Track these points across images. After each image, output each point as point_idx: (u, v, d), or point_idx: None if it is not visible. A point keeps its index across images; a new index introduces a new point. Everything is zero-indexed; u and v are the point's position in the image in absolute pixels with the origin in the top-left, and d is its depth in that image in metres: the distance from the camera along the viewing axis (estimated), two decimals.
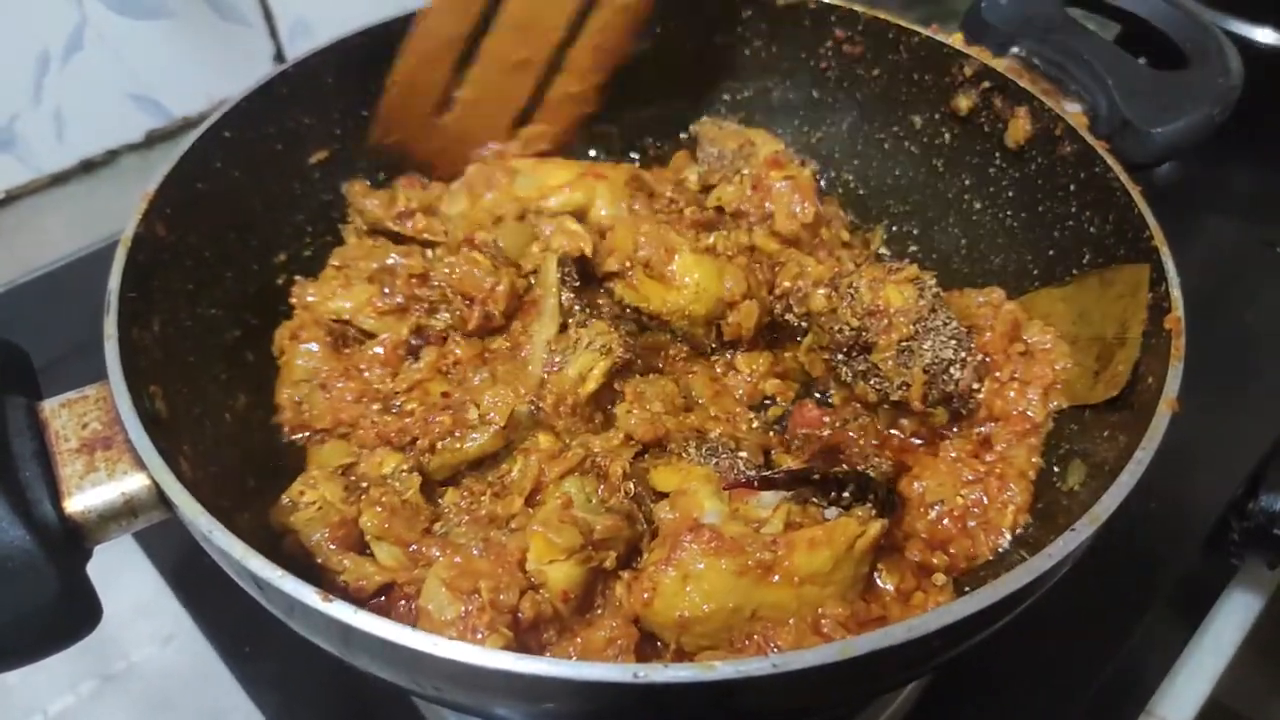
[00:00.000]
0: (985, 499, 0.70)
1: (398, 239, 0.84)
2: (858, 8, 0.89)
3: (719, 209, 0.88)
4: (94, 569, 0.57)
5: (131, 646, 0.87)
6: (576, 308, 0.75)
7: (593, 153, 0.98)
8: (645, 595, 0.60)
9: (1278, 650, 1.00)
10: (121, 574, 0.89)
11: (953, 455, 0.74)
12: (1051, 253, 0.80)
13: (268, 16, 1.21)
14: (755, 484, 0.64)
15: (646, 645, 0.62)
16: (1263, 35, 1.26)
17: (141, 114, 1.17)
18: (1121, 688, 0.86)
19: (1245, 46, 1.22)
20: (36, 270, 1.15)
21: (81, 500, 0.54)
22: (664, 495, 0.68)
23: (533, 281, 0.79)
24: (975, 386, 0.74)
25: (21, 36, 1.06)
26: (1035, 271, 0.82)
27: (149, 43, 1.13)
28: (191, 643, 0.86)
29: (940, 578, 0.67)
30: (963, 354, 0.73)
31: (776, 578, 0.59)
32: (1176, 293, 0.65)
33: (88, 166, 1.17)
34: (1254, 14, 1.25)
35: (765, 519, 0.63)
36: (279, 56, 1.24)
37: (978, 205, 0.87)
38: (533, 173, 0.87)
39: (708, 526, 0.61)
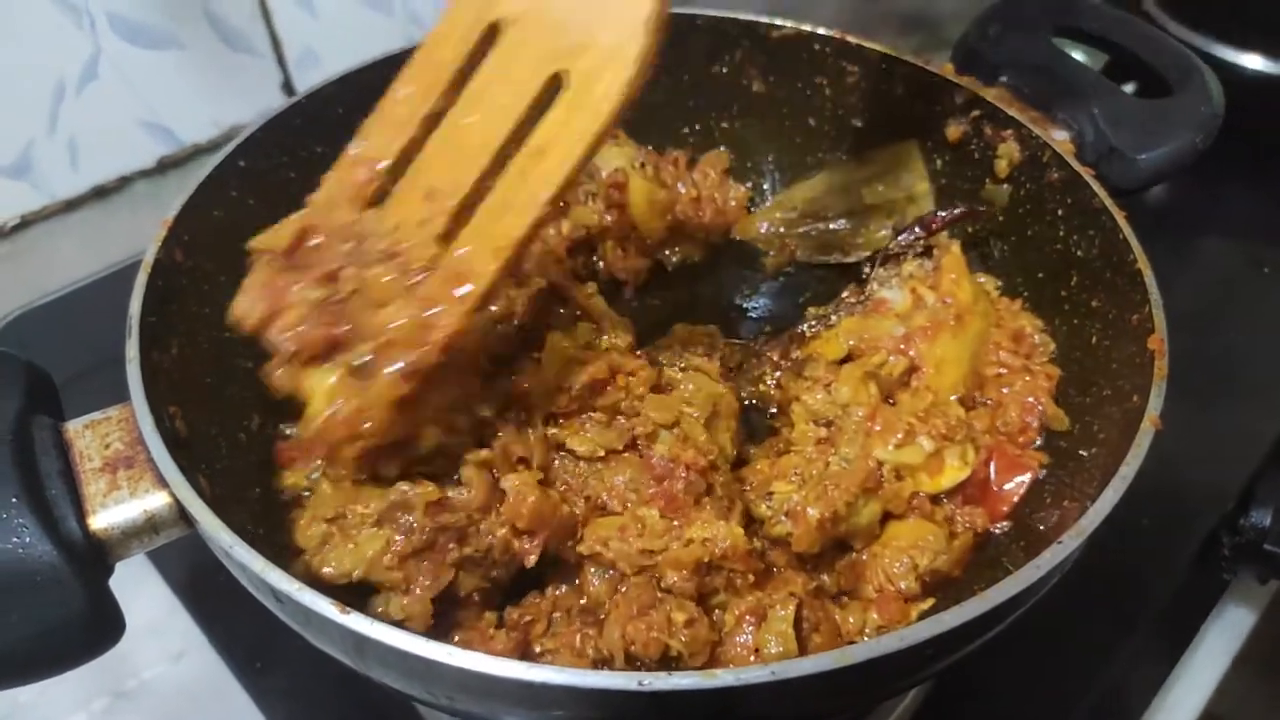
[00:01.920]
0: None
1: None
2: (852, 39, 0.92)
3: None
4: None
5: (143, 664, 0.88)
6: None
7: None
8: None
9: (1271, 665, 1.01)
10: (133, 591, 0.90)
11: None
12: (1040, 275, 0.83)
13: (276, 46, 1.23)
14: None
15: None
16: (1250, 61, 1.29)
17: (153, 141, 1.20)
18: (1115, 702, 0.87)
19: (1233, 72, 1.26)
20: (50, 294, 1.18)
21: (105, 518, 0.56)
22: None
23: None
24: None
25: (38, 67, 1.08)
26: (1025, 294, 0.84)
27: (161, 72, 1.16)
28: (203, 659, 0.87)
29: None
30: None
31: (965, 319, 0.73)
32: (1159, 314, 0.67)
33: (100, 192, 1.20)
34: (1242, 41, 1.29)
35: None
36: (287, 85, 1.27)
37: (969, 230, 0.90)
38: None
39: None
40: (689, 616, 0.61)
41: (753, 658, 0.61)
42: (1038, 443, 0.75)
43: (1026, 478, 0.71)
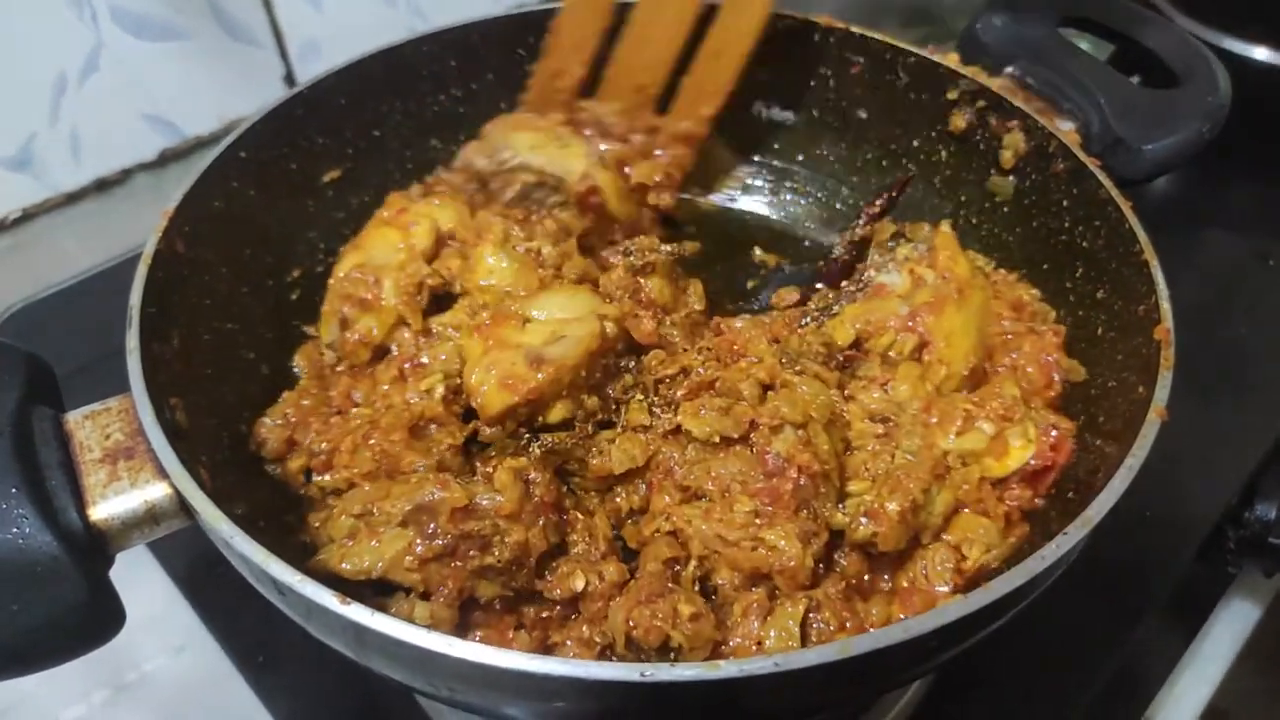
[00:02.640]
0: None
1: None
2: (856, 29, 0.91)
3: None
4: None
5: (144, 656, 0.88)
6: None
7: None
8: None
9: (1275, 658, 1.01)
10: (134, 584, 0.90)
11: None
12: (1045, 266, 0.82)
13: (278, 38, 1.23)
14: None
15: None
16: (1259, 53, 1.28)
17: (155, 134, 1.20)
18: (1120, 694, 0.87)
19: (1241, 64, 1.25)
20: (52, 286, 1.18)
21: (105, 508, 0.56)
22: None
23: None
24: None
25: (40, 60, 1.08)
26: (1030, 285, 0.84)
27: (163, 64, 1.16)
28: (204, 652, 0.87)
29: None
30: None
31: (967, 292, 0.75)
32: (1166, 305, 0.67)
33: (102, 185, 1.19)
34: (1250, 33, 1.28)
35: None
36: (289, 77, 1.27)
37: (974, 221, 0.89)
38: None
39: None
40: (695, 610, 0.61)
41: (754, 649, 0.61)
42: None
43: (1069, 446, 0.71)
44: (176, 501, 0.57)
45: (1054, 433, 0.69)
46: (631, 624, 0.60)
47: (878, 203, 0.93)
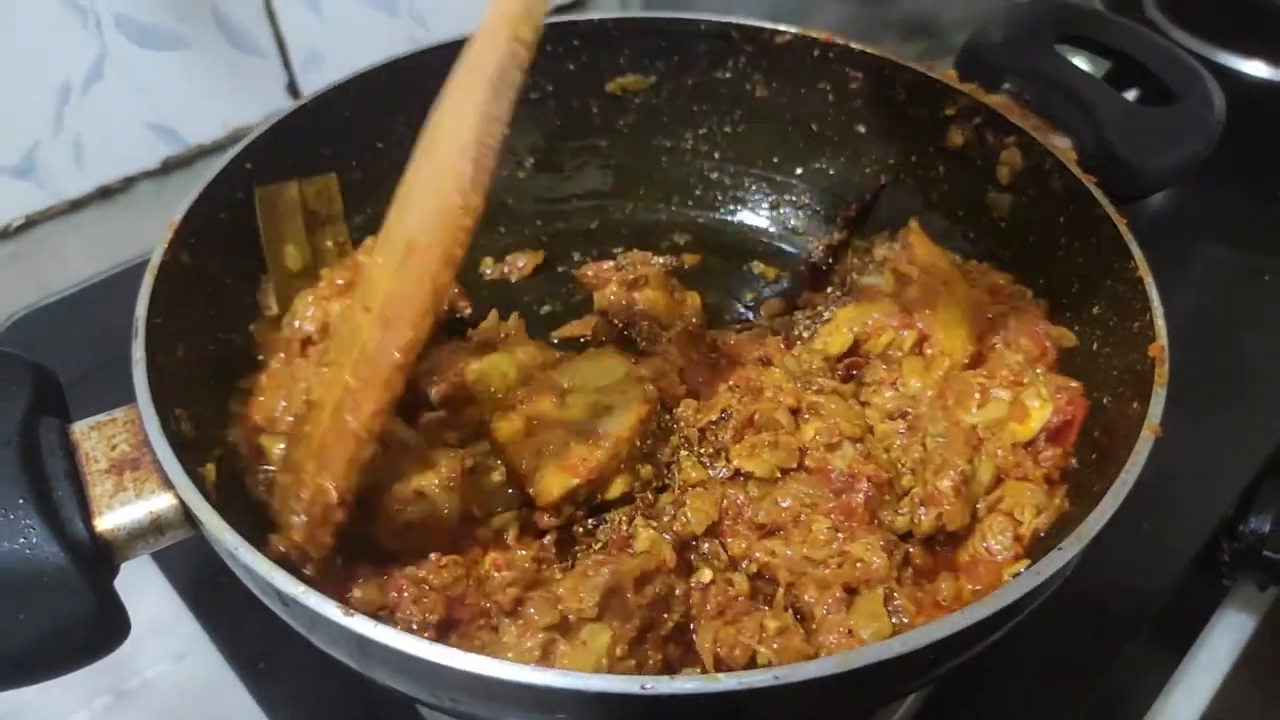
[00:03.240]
0: None
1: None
2: (855, 45, 0.92)
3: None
4: None
5: (145, 663, 0.88)
6: None
7: None
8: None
9: (1270, 670, 1.01)
10: (137, 591, 0.90)
11: None
12: (1041, 281, 0.83)
13: (281, 48, 1.24)
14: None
15: None
16: (1254, 69, 1.29)
17: (159, 142, 1.20)
18: (1113, 707, 0.88)
19: (1237, 79, 1.26)
20: (55, 294, 1.18)
21: (111, 519, 0.57)
22: None
23: None
24: None
25: (44, 67, 1.09)
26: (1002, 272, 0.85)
27: (166, 73, 1.16)
28: (205, 659, 0.87)
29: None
30: None
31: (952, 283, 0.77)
32: (1160, 322, 0.68)
33: (105, 193, 1.20)
34: (1245, 48, 1.29)
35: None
36: (292, 87, 1.27)
37: (971, 236, 0.90)
38: None
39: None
40: (781, 625, 0.60)
41: (848, 639, 0.60)
42: None
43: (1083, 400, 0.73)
44: (181, 512, 0.57)
45: (1063, 393, 0.72)
46: (717, 644, 0.60)
47: (854, 207, 0.95)
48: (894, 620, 0.62)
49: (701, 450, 0.73)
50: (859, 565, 0.63)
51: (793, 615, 0.63)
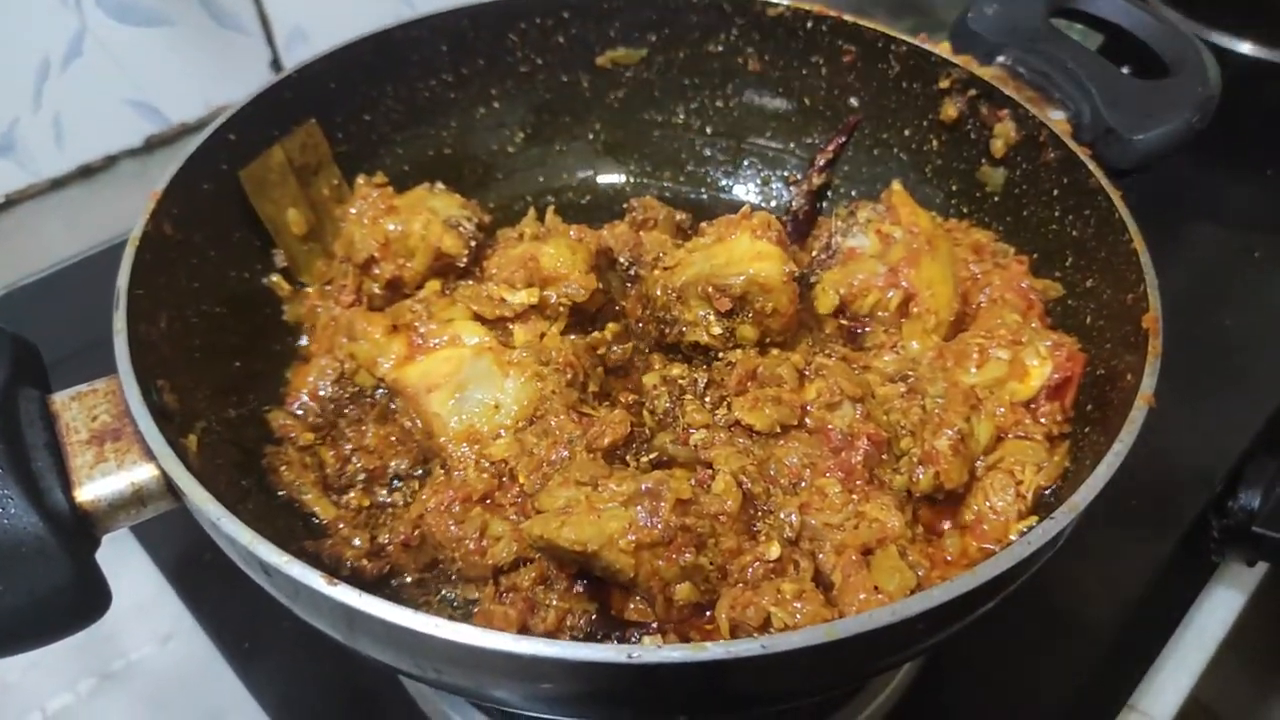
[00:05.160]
0: None
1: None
2: (848, 18, 0.91)
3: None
4: None
5: (131, 645, 0.88)
6: None
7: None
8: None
9: (1258, 648, 1.02)
10: (121, 573, 0.89)
11: None
12: (1035, 255, 0.82)
13: (265, 24, 1.22)
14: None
15: None
16: (1244, 47, 1.29)
17: (140, 120, 1.19)
18: (1105, 682, 0.88)
19: (1227, 58, 1.26)
20: (36, 273, 1.17)
21: (92, 489, 0.56)
22: None
23: None
24: None
25: (22, 43, 1.07)
26: (984, 229, 0.86)
27: (148, 50, 1.15)
28: (191, 640, 0.87)
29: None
30: None
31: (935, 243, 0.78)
32: (1154, 294, 0.67)
33: (86, 171, 1.19)
34: (1236, 27, 1.29)
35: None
36: (276, 63, 1.26)
37: (965, 210, 0.89)
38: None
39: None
40: (799, 588, 0.60)
41: (875, 595, 0.60)
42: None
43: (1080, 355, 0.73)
44: (163, 483, 0.57)
45: (1060, 350, 0.72)
46: (733, 608, 0.59)
47: (830, 148, 0.95)
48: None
49: (708, 396, 0.73)
50: (874, 525, 0.63)
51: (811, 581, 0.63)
